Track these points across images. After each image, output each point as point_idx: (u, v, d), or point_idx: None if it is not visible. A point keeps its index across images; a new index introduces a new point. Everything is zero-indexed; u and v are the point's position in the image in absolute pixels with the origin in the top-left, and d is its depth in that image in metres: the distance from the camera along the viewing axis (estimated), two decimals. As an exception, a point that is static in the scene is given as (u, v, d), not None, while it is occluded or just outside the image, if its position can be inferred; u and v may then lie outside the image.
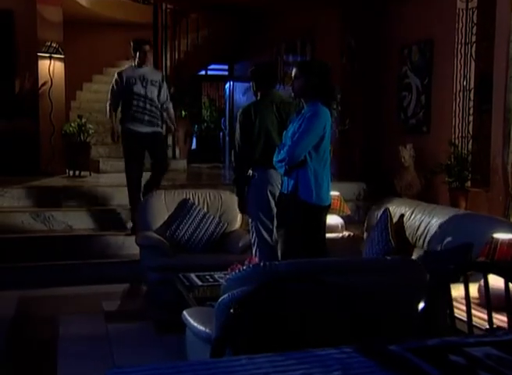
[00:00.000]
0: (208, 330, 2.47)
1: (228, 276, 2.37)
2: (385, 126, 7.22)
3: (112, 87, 5.98)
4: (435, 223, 4.05)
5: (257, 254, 4.71)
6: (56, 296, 5.12)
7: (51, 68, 7.60)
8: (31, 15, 7.62)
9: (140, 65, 5.90)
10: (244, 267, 3.75)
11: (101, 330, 4.33)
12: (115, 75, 5.98)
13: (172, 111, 6.26)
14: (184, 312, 2.80)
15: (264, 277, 2.29)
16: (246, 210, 4.68)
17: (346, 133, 7.22)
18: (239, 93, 12.42)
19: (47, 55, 7.56)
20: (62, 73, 7.80)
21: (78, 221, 6.14)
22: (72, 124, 7.51)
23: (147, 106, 5.88)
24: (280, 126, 4.65)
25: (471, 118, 6.05)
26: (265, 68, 5.12)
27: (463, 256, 3.59)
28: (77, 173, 7.58)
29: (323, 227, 4.13)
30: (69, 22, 8.15)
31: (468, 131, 6.05)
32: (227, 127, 13.61)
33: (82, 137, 7.53)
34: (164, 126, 6.35)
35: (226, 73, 13.33)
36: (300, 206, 4.03)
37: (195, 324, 2.59)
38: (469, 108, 6.05)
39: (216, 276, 4.14)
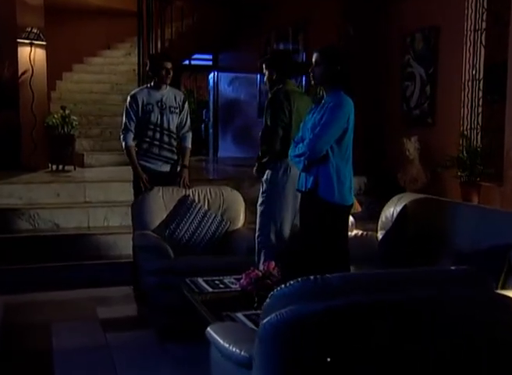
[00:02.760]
0: (244, 353, 2.13)
1: (272, 293, 2.03)
2: (387, 117, 6.94)
3: (127, 111, 4.85)
4: (461, 221, 3.75)
5: (263, 252, 4.40)
6: (45, 301, 4.73)
7: (31, 55, 7.12)
8: (10, -2, 7.15)
9: (158, 86, 4.84)
10: (261, 271, 3.44)
11: (99, 339, 3.97)
12: (129, 98, 4.87)
13: (189, 144, 5.02)
14: (209, 330, 2.45)
15: (316, 294, 1.96)
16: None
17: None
18: (224, 83, 12.05)
19: (27, 41, 7.08)
20: (43, 60, 7.32)
21: (65, 219, 5.74)
22: (56, 116, 7.07)
23: (165, 138, 4.87)
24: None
25: (480, 109, 5.79)
26: (286, 54, 4.77)
27: (500, 259, 3.30)
28: (61, 167, 7.15)
29: (345, 228, 3.82)
30: (46, 8, 7.67)
31: (478, 123, 5.79)
32: (210, 119, 13.22)
33: (66, 130, 7.10)
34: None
35: (210, 62, 12.92)
36: (321, 205, 3.72)
37: (226, 345, 2.25)
38: (478, 99, 5.78)
39: (226, 281, 3.80)
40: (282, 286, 2.02)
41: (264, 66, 4.49)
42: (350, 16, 7.18)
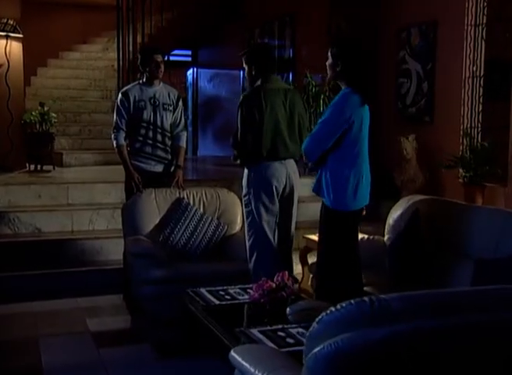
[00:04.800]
0: (282, 384, 1.87)
1: (320, 317, 1.76)
2: (380, 115, 6.69)
3: (118, 109, 4.59)
4: (483, 226, 3.53)
5: (255, 256, 4.15)
6: (29, 313, 4.37)
7: (7, 48, 6.71)
8: (-17, -13, 6.72)
9: (150, 82, 4.60)
10: (275, 282, 3.18)
11: (92, 355, 3.67)
12: (120, 95, 4.63)
13: (184, 143, 4.74)
14: (234, 355, 2.17)
15: (373, 319, 1.70)
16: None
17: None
18: (204, 80, 11.73)
19: (3, 33, 6.66)
20: (19, 54, 6.89)
21: (47, 223, 5.37)
22: (34, 113, 6.69)
23: (158, 137, 4.59)
24: (288, 116, 4.10)
25: (481, 107, 5.60)
26: (264, 49, 4.53)
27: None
28: (39, 167, 6.77)
29: (350, 236, 3.56)
30: None
31: (478, 121, 5.60)
32: (189, 116, 12.90)
33: (44, 127, 6.72)
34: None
35: (188, 58, 12.58)
36: (323, 210, 3.54)
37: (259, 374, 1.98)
38: (479, 97, 5.59)
39: (231, 291, 3.53)
40: (332, 309, 1.75)
41: (243, 60, 4.26)
42: (341, 10, 6.94)
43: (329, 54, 3.53)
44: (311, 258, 5.02)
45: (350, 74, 3.48)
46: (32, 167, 6.79)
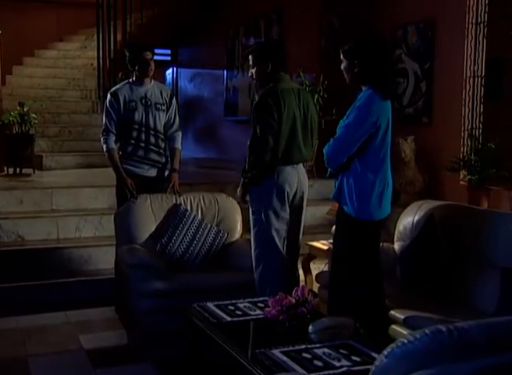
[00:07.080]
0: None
1: (389, 350, 1.52)
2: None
3: (107, 110, 4.33)
4: (505, 232, 3.33)
5: (261, 266, 3.88)
6: (14, 329, 4.04)
7: (-17, 46, 6.40)
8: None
9: (140, 80, 4.35)
10: (295, 297, 2.93)
11: (89, 378, 3.37)
12: (109, 96, 4.35)
13: (179, 145, 4.48)
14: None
15: (454, 352, 1.47)
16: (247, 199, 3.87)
17: (333, 124, 6.45)
18: (184, 80, 11.44)
19: (-21, 30, 6.35)
20: (-3, 52, 6.61)
21: (31, 230, 5.03)
22: (13, 113, 6.34)
23: (151, 139, 4.35)
24: (302, 118, 3.84)
25: (482, 108, 5.43)
26: (279, 45, 4.27)
27: None
28: (18, 170, 6.42)
29: (373, 247, 3.32)
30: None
31: (480, 121, 5.43)
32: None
33: (24, 128, 6.38)
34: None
35: (167, 58, 12.25)
36: (343, 218, 3.30)
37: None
38: (480, 97, 5.43)
39: (241, 305, 3.27)
40: (404, 341, 1.51)
41: (251, 58, 3.87)
42: (333, 6, 6.74)
43: (342, 56, 3.27)
44: (314, 266, 4.81)
45: (371, 73, 3.21)
46: (11, 170, 6.44)
